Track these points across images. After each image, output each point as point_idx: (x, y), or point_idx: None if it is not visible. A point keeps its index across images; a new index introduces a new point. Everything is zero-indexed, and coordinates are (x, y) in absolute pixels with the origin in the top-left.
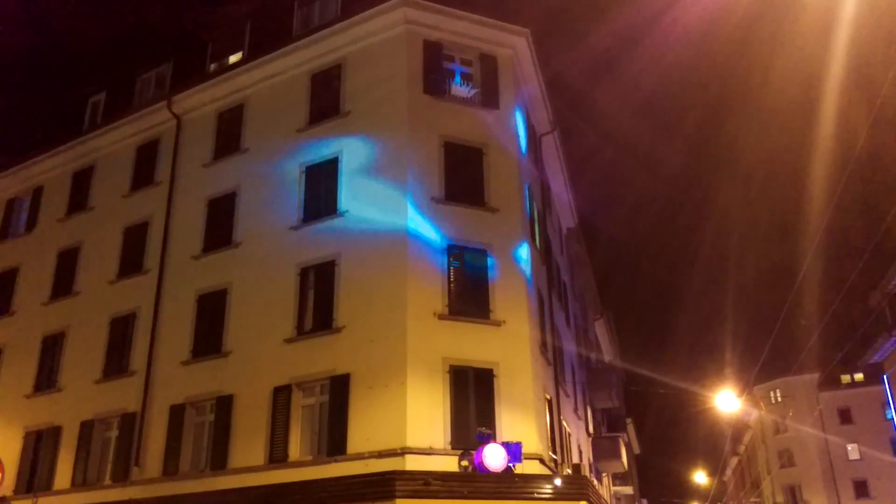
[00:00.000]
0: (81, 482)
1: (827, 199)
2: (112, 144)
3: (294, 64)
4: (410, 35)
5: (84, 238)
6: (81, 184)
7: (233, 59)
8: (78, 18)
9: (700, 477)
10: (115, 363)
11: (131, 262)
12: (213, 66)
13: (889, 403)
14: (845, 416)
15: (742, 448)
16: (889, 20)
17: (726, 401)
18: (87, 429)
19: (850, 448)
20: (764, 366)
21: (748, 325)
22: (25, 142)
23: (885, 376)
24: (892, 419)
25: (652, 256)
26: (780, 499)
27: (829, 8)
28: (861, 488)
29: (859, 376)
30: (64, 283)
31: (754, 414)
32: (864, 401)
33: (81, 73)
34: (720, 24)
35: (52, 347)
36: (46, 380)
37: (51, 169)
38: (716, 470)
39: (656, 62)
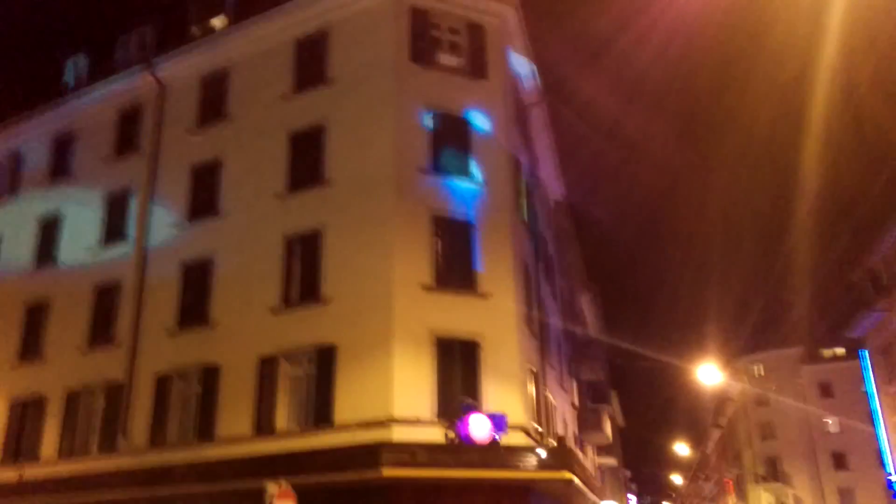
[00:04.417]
0: (68, 452)
1: (815, 180)
2: (93, 107)
3: (279, 29)
4: (397, 2)
5: (65, 205)
6: (62, 149)
7: (217, 23)
8: None
9: (683, 449)
10: (101, 333)
11: (114, 231)
12: (195, 29)
13: (866, 378)
14: (826, 390)
15: (724, 421)
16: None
17: (709, 374)
18: (73, 399)
19: (829, 421)
20: (747, 339)
21: (732, 301)
22: (3, 105)
23: (862, 351)
24: (870, 393)
25: (639, 233)
26: (760, 470)
27: None
28: (840, 460)
29: (840, 351)
30: (46, 251)
31: (737, 387)
32: (844, 375)
33: (60, 33)
34: (712, 6)
35: (36, 317)
36: (31, 350)
37: (30, 132)
38: (699, 442)
39: (646, 43)
